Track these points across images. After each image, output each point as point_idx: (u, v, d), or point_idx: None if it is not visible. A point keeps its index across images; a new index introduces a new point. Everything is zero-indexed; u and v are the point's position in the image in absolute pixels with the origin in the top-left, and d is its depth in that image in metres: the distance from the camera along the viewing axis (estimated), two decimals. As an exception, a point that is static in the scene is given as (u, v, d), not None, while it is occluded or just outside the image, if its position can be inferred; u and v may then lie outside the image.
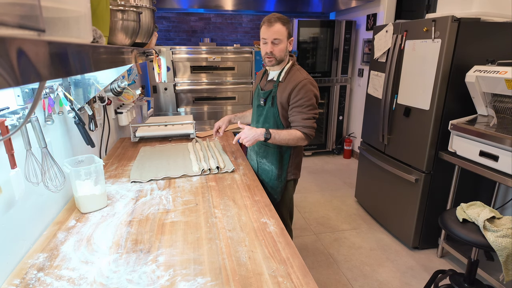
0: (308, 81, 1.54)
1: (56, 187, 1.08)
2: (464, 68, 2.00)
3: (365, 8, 3.96)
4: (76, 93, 1.33)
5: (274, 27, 1.47)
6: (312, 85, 1.54)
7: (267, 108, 1.64)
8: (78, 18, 0.56)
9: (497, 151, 1.76)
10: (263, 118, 1.68)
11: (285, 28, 1.49)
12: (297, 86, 1.52)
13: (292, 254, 0.98)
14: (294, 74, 1.57)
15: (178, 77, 3.81)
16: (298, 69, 1.60)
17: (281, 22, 1.47)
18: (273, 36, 1.48)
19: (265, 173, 1.73)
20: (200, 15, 4.47)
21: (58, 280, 0.87)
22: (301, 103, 1.53)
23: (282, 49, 1.52)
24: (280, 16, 1.48)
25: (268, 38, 1.49)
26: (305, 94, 1.52)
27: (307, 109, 1.53)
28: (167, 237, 1.07)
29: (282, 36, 1.49)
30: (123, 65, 0.90)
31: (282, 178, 1.70)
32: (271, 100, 1.61)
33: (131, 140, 2.20)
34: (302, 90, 1.52)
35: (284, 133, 1.53)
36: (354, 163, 4.12)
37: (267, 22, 1.48)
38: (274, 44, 1.50)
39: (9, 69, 0.28)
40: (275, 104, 1.60)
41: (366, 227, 2.76)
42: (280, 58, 1.55)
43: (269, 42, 1.50)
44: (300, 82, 1.52)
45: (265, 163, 1.72)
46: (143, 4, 1.18)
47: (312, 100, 1.53)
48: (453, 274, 1.75)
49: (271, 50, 1.51)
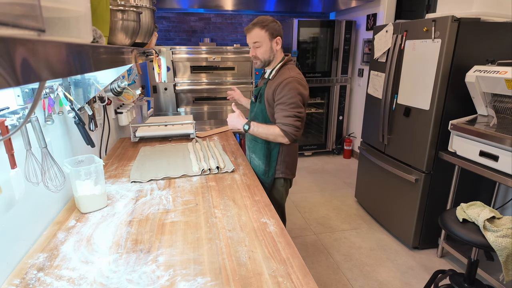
0: (294, 79, 1.54)
1: (56, 187, 1.08)
2: (464, 68, 2.00)
3: (365, 8, 3.95)
4: (76, 93, 1.33)
5: (252, 32, 1.57)
6: (298, 83, 1.54)
7: (257, 104, 1.70)
8: (78, 18, 0.56)
9: (497, 151, 1.76)
10: (253, 114, 1.74)
11: (264, 31, 1.55)
12: (282, 84, 1.54)
13: (292, 254, 0.98)
14: (283, 72, 1.59)
15: (178, 77, 3.81)
16: (289, 68, 1.61)
17: (258, 26, 1.55)
18: (252, 41, 1.58)
19: (254, 168, 1.76)
20: (200, 15, 4.47)
21: (58, 280, 0.87)
22: (284, 100, 1.53)
23: (264, 51, 1.58)
24: (257, 21, 1.56)
25: (249, 43, 1.60)
26: (288, 92, 1.52)
27: (289, 107, 1.53)
28: (167, 237, 1.07)
29: (261, 39, 1.56)
30: (123, 65, 0.90)
31: (269, 175, 1.72)
32: (260, 97, 1.67)
33: (131, 140, 2.20)
34: (286, 88, 1.52)
35: (263, 126, 1.57)
36: (354, 163, 4.12)
37: (246, 30, 1.60)
38: (255, 47, 1.59)
39: (9, 69, 0.28)
40: (263, 101, 1.65)
41: (366, 227, 2.76)
42: (265, 59, 1.61)
43: (251, 47, 1.60)
44: (285, 79, 1.53)
45: (254, 158, 1.77)
46: (143, 4, 1.18)
47: (295, 98, 1.53)
48: (453, 274, 1.75)
49: (253, 53, 1.61)
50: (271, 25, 1.56)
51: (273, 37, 1.57)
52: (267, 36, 1.56)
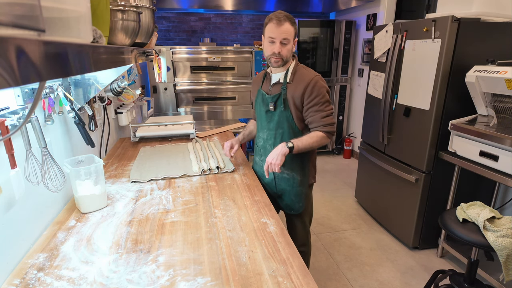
0: (319, 77, 1.48)
1: (56, 187, 1.08)
2: (464, 68, 2.00)
3: (365, 8, 3.95)
4: (76, 93, 1.33)
5: (284, 26, 1.37)
6: (322, 81, 1.49)
7: (279, 112, 1.53)
8: (78, 18, 0.56)
9: (497, 151, 1.76)
10: (274, 123, 1.56)
11: (293, 28, 1.42)
12: (309, 85, 1.44)
13: (292, 254, 0.98)
14: (302, 73, 1.49)
15: (178, 77, 3.81)
16: (303, 67, 1.53)
17: (289, 22, 1.39)
18: (282, 36, 1.39)
19: (284, 181, 1.60)
20: (200, 15, 4.47)
21: (58, 280, 0.87)
22: (317, 101, 1.45)
23: (289, 50, 1.44)
24: (288, 15, 1.40)
25: (277, 38, 1.39)
26: (319, 92, 1.45)
27: (324, 106, 1.46)
28: (167, 237, 1.07)
29: (291, 36, 1.41)
30: (123, 65, 0.90)
31: (305, 183, 1.61)
32: (282, 104, 1.50)
33: (131, 140, 2.20)
34: (315, 88, 1.45)
35: (305, 138, 1.45)
36: (354, 163, 4.12)
37: (276, 20, 1.37)
38: (282, 44, 1.41)
39: (9, 69, 0.28)
40: (287, 107, 1.50)
41: (366, 227, 2.76)
42: (287, 59, 1.46)
43: (278, 42, 1.40)
44: (312, 80, 1.45)
45: (284, 172, 1.59)
46: (143, 4, 1.18)
47: (326, 96, 1.47)
48: (453, 274, 1.75)
49: (279, 50, 1.41)
50: (296, 24, 1.45)
51: (295, 37, 1.46)
52: (294, 34, 1.44)
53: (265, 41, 1.45)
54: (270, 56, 1.45)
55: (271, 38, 1.41)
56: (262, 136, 1.64)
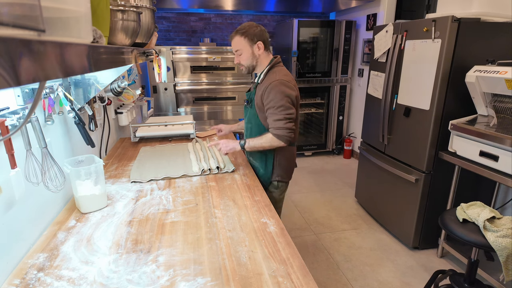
0: (279, 81, 1.53)
1: (56, 187, 1.08)
2: (464, 68, 2.00)
3: (365, 8, 3.95)
4: (76, 93, 1.33)
5: (233, 40, 1.60)
6: (283, 85, 1.53)
7: (249, 109, 1.72)
8: (78, 18, 0.56)
9: (497, 151, 1.76)
10: (247, 118, 1.77)
11: (243, 38, 1.56)
12: (268, 88, 1.54)
13: (292, 254, 0.98)
14: (270, 76, 1.59)
15: (178, 77, 3.81)
16: (275, 71, 1.60)
17: (238, 34, 1.57)
18: (234, 49, 1.61)
19: (254, 170, 1.77)
20: (200, 15, 4.47)
21: (58, 280, 0.87)
22: (272, 104, 1.54)
23: (247, 57, 1.60)
24: (238, 29, 1.58)
25: (233, 51, 1.63)
26: (275, 96, 1.52)
27: (278, 110, 1.53)
28: (167, 237, 1.07)
29: (241, 46, 1.58)
30: (123, 65, 0.90)
31: (266, 178, 1.73)
32: (251, 102, 1.69)
33: (131, 140, 2.20)
34: (272, 92, 1.53)
35: (256, 139, 1.60)
36: (354, 163, 4.12)
37: (229, 38, 1.63)
38: (238, 55, 1.62)
39: (9, 69, 0.28)
40: (253, 106, 1.67)
41: (366, 227, 2.76)
42: (248, 65, 1.62)
43: (235, 55, 1.63)
44: (271, 84, 1.53)
45: (252, 161, 1.80)
46: (143, 4, 1.18)
47: (283, 100, 1.52)
48: (453, 274, 1.75)
49: (237, 61, 1.63)
50: (251, 31, 1.56)
51: (254, 42, 1.57)
52: (247, 42, 1.57)
53: None
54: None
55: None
56: (244, 127, 1.86)
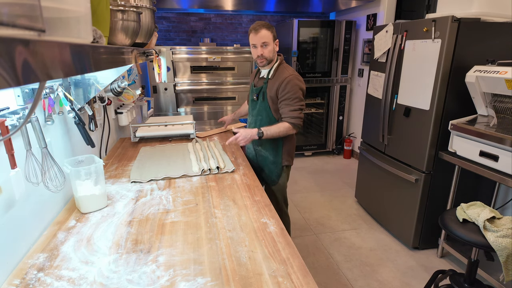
0: (294, 76, 1.74)
1: (56, 187, 1.08)
2: (464, 68, 2.00)
3: (365, 8, 3.96)
4: (76, 93, 1.33)
5: (261, 33, 1.70)
6: (297, 79, 1.74)
7: (259, 102, 1.87)
8: (78, 18, 0.56)
9: (497, 151, 1.76)
10: (256, 111, 1.91)
11: (270, 32, 1.72)
12: (284, 82, 1.73)
13: (292, 254, 0.98)
14: (281, 71, 1.78)
15: (178, 77, 3.81)
16: (285, 67, 1.81)
17: (265, 28, 1.71)
18: (261, 41, 1.71)
19: (262, 159, 1.97)
20: (200, 15, 4.47)
21: (58, 280, 0.87)
22: (288, 96, 1.73)
23: (270, 51, 1.74)
24: (263, 23, 1.72)
25: (257, 43, 1.72)
26: (291, 88, 1.72)
27: (293, 101, 1.73)
28: (167, 237, 1.07)
29: (269, 39, 1.72)
30: (123, 65, 0.90)
31: (278, 163, 1.92)
32: (262, 96, 1.84)
33: (131, 140, 2.20)
34: (288, 85, 1.72)
35: (273, 127, 1.74)
36: (354, 163, 4.12)
37: (253, 30, 1.72)
38: (263, 47, 1.73)
39: (9, 69, 0.28)
40: (265, 99, 1.83)
41: (366, 227, 2.76)
42: (270, 59, 1.77)
43: (259, 46, 1.72)
44: (286, 78, 1.73)
45: (261, 150, 1.96)
46: (143, 4, 1.18)
47: (298, 93, 1.73)
48: (453, 274, 1.75)
49: (261, 52, 1.73)
50: (273, 28, 1.75)
51: (275, 39, 1.76)
52: (272, 37, 1.73)
53: (251, 48, 1.79)
54: (256, 59, 1.79)
55: (253, 45, 1.75)
56: (249, 120, 2.02)
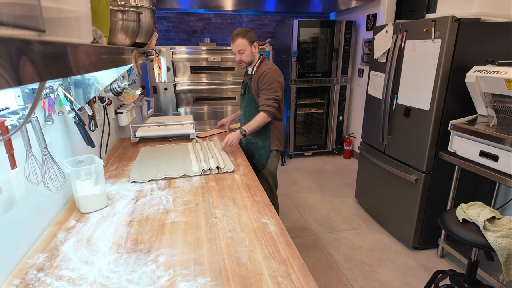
0: (271, 70, 1.98)
1: (56, 187, 1.08)
2: (464, 68, 2.00)
3: (365, 8, 3.95)
4: (76, 93, 1.33)
5: (236, 42, 1.97)
6: (275, 73, 1.98)
7: (247, 95, 2.13)
8: (78, 18, 0.56)
9: (497, 151, 1.76)
10: (245, 103, 2.17)
11: (245, 39, 1.96)
12: (262, 75, 1.99)
13: (292, 254, 0.98)
14: (261, 67, 2.03)
15: (178, 77, 3.81)
16: (266, 63, 2.05)
17: (240, 37, 1.96)
18: (237, 48, 1.99)
19: (251, 145, 2.18)
20: (200, 15, 4.47)
21: (58, 280, 0.87)
22: (265, 87, 1.98)
23: (247, 55, 2.01)
24: (238, 33, 1.97)
25: (235, 50, 2.01)
26: (267, 80, 1.96)
27: (268, 92, 1.97)
28: (167, 237, 1.07)
29: (244, 46, 1.98)
30: (123, 65, 0.90)
31: (266, 148, 2.12)
32: (248, 89, 2.10)
33: (131, 140, 2.20)
34: (265, 77, 1.97)
35: (252, 122, 1.97)
36: (354, 163, 4.12)
37: (231, 40, 2.01)
38: (240, 53, 2.00)
39: (9, 69, 0.28)
40: (250, 92, 2.09)
41: (366, 227, 2.76)
42: (248, 61, 2.04)
43: (237, 53, 2.01)
44: (264, 71, 1.98)
45: (251, 138, 2.17)
46: (143, 4, 1.18)
47: (273, 84, 1.97)
48: (453, 274, 1.75)
49: (239, 58, 2.02)
50: (249, 34, 1.98)
51: (251, 43, 2.00)
52: (248, 43, 1.98)
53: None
54: (237, 63, 2.07)
55: (233, 52, 2.04)
56: (241, 112, 2.28)
